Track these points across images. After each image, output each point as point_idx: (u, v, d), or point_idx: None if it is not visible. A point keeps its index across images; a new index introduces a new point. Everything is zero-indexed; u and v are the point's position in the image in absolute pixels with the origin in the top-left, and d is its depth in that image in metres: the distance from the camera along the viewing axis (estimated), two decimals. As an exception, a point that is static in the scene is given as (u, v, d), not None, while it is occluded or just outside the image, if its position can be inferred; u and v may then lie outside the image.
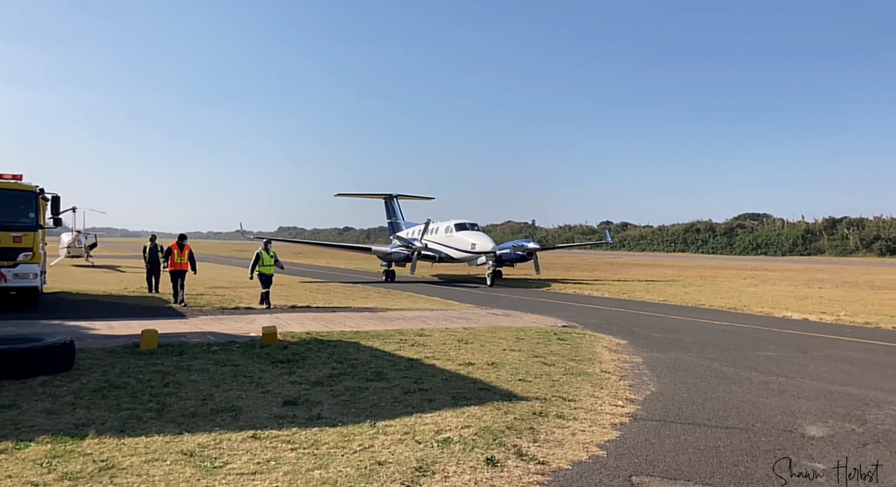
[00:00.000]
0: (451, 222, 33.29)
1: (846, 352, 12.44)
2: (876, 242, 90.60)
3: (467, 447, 6.10)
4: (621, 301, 23.58)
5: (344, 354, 10.82)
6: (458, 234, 32.18)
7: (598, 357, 11.32)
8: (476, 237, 31.29)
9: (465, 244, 31.40)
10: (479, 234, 31.88)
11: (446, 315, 17.55)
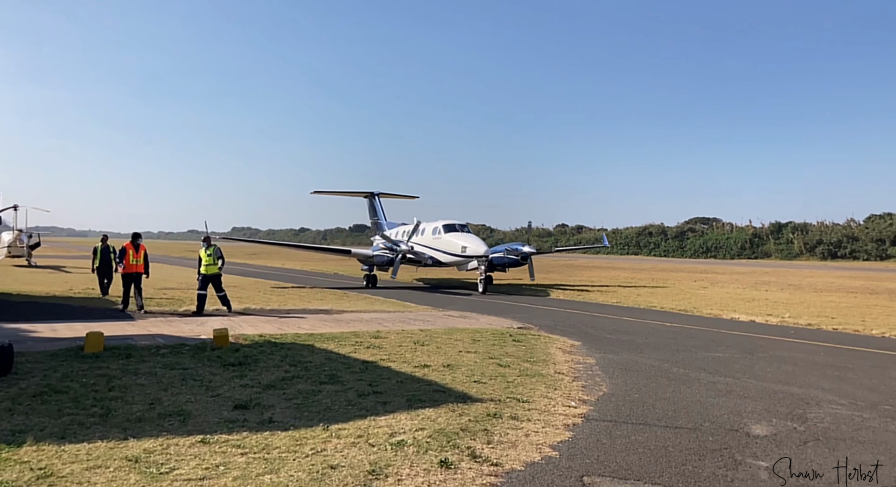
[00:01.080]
0: (440, 222, 30.47)
1: (790, 353, 12.85)
2: (818, 246, 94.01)
3: (421, 449, 6.08)
4: (577, 303, 23.89)
5: (297, 356, 10.68)
6: (447, 236, 29.47)
7: (552, 358, 11.43)
8: (467, 240, 28.70)
9: (455, 247, 28.75)
10: (470, 236, 29.35)
11: (403, 317, 17.49)
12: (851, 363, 11.68)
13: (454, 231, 29.70)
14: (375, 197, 40.79)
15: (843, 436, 7.00)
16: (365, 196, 41.47)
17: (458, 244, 28.62)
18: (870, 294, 29.57)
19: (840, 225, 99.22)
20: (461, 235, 29.35)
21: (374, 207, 40.76)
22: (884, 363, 11.84)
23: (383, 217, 40.04)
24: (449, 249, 29.17)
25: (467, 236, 29.34)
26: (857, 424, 7.54)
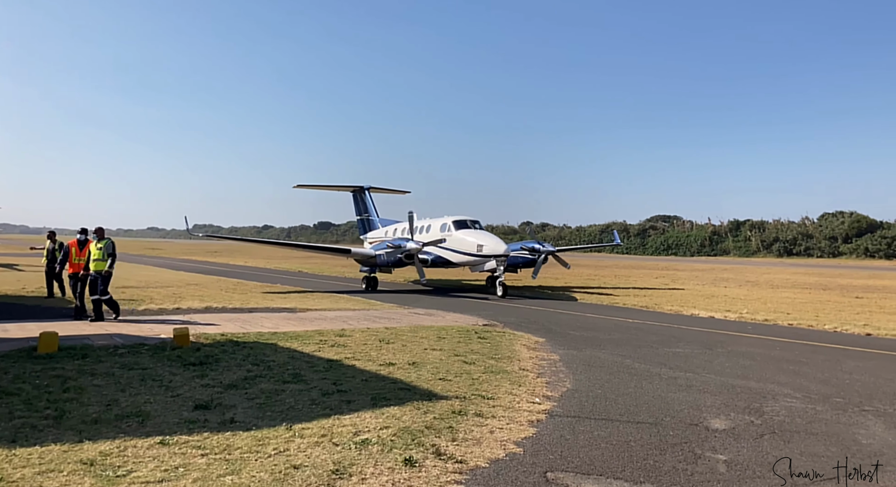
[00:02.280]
0: (448, 218, 27.49)
1: (748, 348, 13.16)
2: (775, 243, 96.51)
3: (385, 448, 6.05)
4: (542, 301, 24.09)
5: (260, 356, 10.53)
6: (459, 233, 26.34)
7: (517, 355, 11.50)
8: (483, 238, 25.63)
9: (469, 246, 25.71)
10: (486, 233, 26.34)
11: (368, 315, 17.40)
12: (806, 358, 12.02)
13: (466, 228, 26.72)
14: (366, 192, 37.23)
15: (797, 429, 7.20)
16: (352, 191, 37.97)
17: (472, 243, 25.64)
18: (823, 290, 30.47)
19: (795, 223, 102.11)
20: (475, 232, 26.43)
21: (365, 202, 37.29)
22: (836, 356, 12.21)
23: (375, 214, 36.56)
24: (462, 248, 26.13)
25: (482, 233, 26.52)
26: (810, 416, 7.75)
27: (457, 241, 26.32)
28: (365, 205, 37.28)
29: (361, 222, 37.51)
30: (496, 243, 24.99)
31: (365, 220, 37.15)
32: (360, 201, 37.62)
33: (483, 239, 25.49)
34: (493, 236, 25.91)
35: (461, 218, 27.41)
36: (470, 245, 25.73)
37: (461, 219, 27.34)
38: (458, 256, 26.51)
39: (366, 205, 37.21)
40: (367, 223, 36.81)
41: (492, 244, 24.99)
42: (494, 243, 25.07)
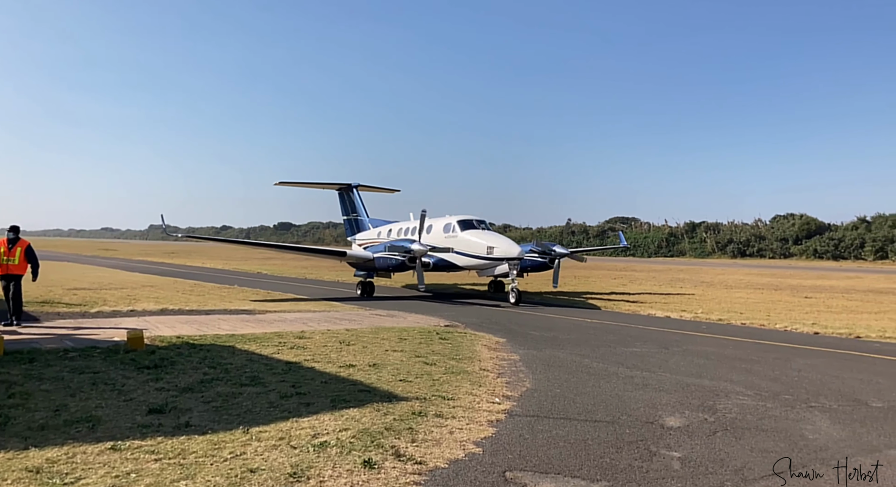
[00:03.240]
0: (452, 218, 25.27)
1: (702, 347, 13.47)
2: (729, 245, 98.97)
3: (344, 450, 6.01)
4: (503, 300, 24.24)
5: (217, 358, 10.35)
6: (465, 234, 24.16)
7: (477, 356, 11.55)
8: (494, 239, 23.46)
9: (478, 248, 23.51)
10: (496, 235, 24.24)
11: (328, 317, 17.26)
12: (757, 356, 12.35)
13: (472, 228, 24.56)
14: (353, 190, 34.51)
15: (748, 426, 7.39)
16: (338, 189, 35.15)
17: (481, 245, 23.44)
18: (774, 290, 31.37)
19: (748, 225, 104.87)
20: (484, 233, 24.28)
21: (353, 201, 34.48)
22: (786, 355, 12.58)
23: (364, 214, 33.80)
24: (469, 250, 23.86)
25: (492, 234, 24.35)
26: (761, 413, 7.97)
27: (463, 243, 24.08)
28: (353, 204, 34.52)
29: (349, 222, 34.73)
30: (508, 246, 22.90)
31: (353, 220, 34.48)
32: (348, 200, 34.85)
33: (494, 240, 23.37)
34: (503, 238, 23.93)
35: (467, 217, 25.25)
36: (478, 247, 23.55)
37: (467, 218, 25.17)
38: (464, 259, 24.25)
39: (354, 204, 34.47)
40: (355, 224, 34.24)
41: (504, 246, 22.87)
42: (507, 244, 22.99)
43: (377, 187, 36.27)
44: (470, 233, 24.29)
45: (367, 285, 25.44)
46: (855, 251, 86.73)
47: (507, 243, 23.17)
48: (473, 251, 23.79)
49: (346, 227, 35.02)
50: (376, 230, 30.93)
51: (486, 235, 24.09)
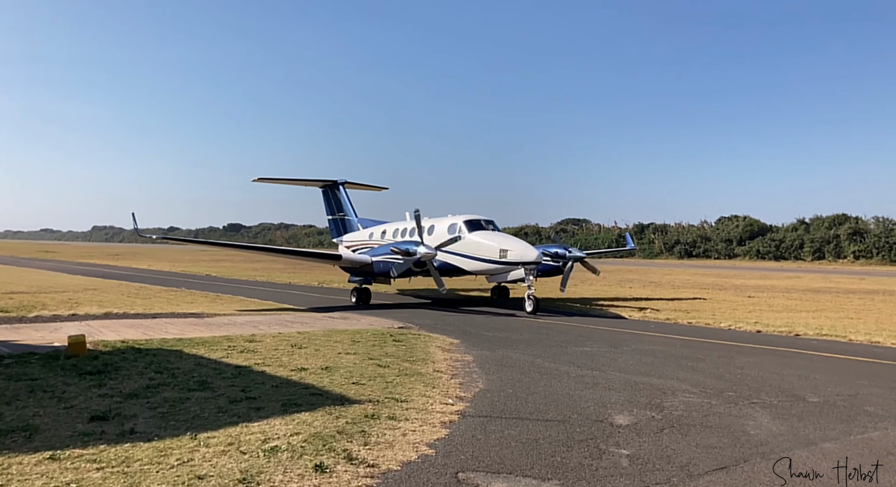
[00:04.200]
0: (458, 218, 23.09)
1: (650, 346, 13.79)
2: (676, 246, 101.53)
3: (295, 454, 5.94)
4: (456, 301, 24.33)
5: (164, 363, 10.09)
6: (473, 236, 21.94)
7: (431, 357, 11.56)
8: (507, 242, 21.50)
9: (489, 251, 21.41)
10: (508, 237, 22.37)
11: (280, 320, 17.02)
12: (703, 354, 12.71)
13: (480, 229, 22.45)
14: (340, 187, 31.64)
15: (694, 422, 7.60)
16: (323, 186, 32.14)
17: (493, 247, 21.31)
18: (719, 290, 32.32)
19: (695, 226, 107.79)
20: (494, 234, 22.30)
21: (339, 200, 31.66)
22: (730, 353, 12.99)
23: (353, 213, 31.12)
24: (479, 253, 21.73)
25: (504, 236, 22.50)
26: (706, 410, 8.21)
27: (471, 245, 21.87)
28: (339, 203, 31.60)
29: (335, 222, 31.69)
30: (524, 249, 20.85)
31: (339, 220, 31.48)
32: (333, 199, 31.85)
33: (507, 243, 21.37)
34: (517, 240, 22.07)
35: (474, 217, 23.08)
36: (489, 250, 21.40)
37: (474, 218, 23.00)
38: (472, 263, 22.09)
39: (340, 203, 31.56)
40: (342, 224, 31.29)
41: (519, 249, 20.83)
42: (522, 247, 20.98)
43: (364, 185, 33.86)
44: (479, 235, 22.10)
45: (364, 292, 23.00)
46: (795, 252, 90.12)
47: (522, 245, 21.24)
48: (484, 255, 21.64)
49: (332, 227, 32.12)
50: (367, 231, 28.69)
51: (497, 236, 22.09)
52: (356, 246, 27.85)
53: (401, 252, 21.00)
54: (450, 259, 22.26)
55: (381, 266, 22.05)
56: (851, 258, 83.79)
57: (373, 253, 22.98)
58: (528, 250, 20.71)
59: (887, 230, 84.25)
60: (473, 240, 21.95)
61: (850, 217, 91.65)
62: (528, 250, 20.80)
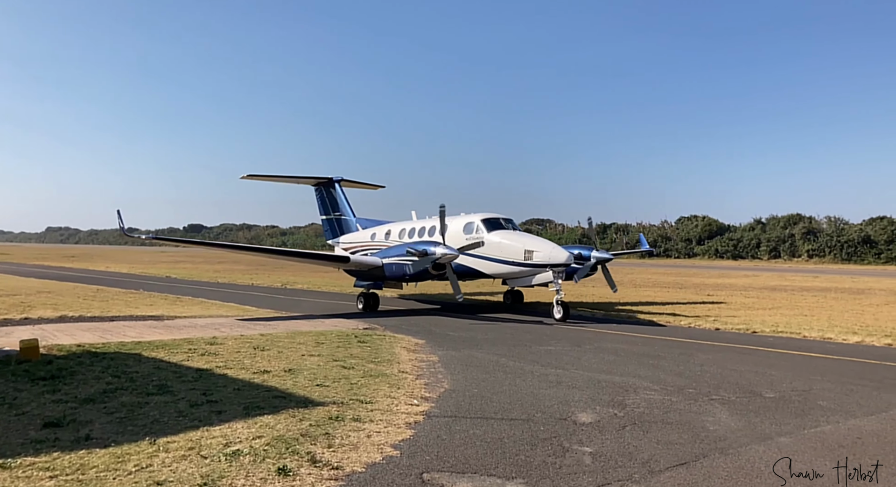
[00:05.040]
0: (475, 217, 21.28)
1: (612, 344, 13.97)
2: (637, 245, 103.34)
3: (258, 458, 5.85)
4: (423, 303, 24.30)
5: (122, 367, 9.85)
6: (493, 236, 20.11)
7: (396, 358, 11.52)
8: (533, 242, 19.70)
9: (511, 252, 19.58)
10: (532, 237, 20.60)
11: (242, 322, 16.76)
12: (663, 352, 12.94)
13: (500, 229, 20.66)
14: (336, 185, 29.56)
15: (655, 419, 7.73)
16: (317, 184, 30.07)
17: (516, 248, 19.54)
18: (679, 289, 32.94)
19: (656, 226, 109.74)
20: (517, 234, 20.57)
21: (335, 198, 29.59)
22: (689, 350, 13.25)
23: (350, 212, 29.02)
24: (501, 254, 19.86)
25: (527, 236, 20.71)
26: (666, 407, 8.36)
27: (492, 246, 19.97)
28: (335, 201, 29.51)
29: (330, 222, 29.60)
30: (552, 250, 19.03)
31: (335, 220, 29.37)
32: (329, 197, 29.72)
33: (533, 243, 19.58)
34: (543, 239, 20.31)
35: (492, 216, 21.28)
36: (512, 251, 19.61)
37: (492, 217, 21.21)
38: (493, 265, 20.21)
39: (336, 201, 29.47)
40: (338, 224, 29.18)
41: (546, 251, 19.01)
42: (549, 248, 19.17)
43: (361, 183, 31.69)
44: (499, 234, 20.24)
45: (371, 297, 21.39)
46: (752, 251, 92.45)
47: (549, 246, 19.37)
48: (506, 256, 19.77)
49: (326, 228, 29.98)
50: (367, 232, 26.73)
51: (520, 236, 20.33)
52: (356, 248, 26.10)
53: (417, 253, 19.05)
54: (467, 261, 20.28)
55: (394, 269, 20.11)
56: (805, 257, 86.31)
57: (384, 255, 20.95)
58: (557, 251, 18.95)
59: (839, 230, 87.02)
60: (494, 240, 20.10)
61: (804, 217, 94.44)
62: (557, 250, 19.02)
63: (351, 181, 30.57)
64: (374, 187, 32.79)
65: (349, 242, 27.48)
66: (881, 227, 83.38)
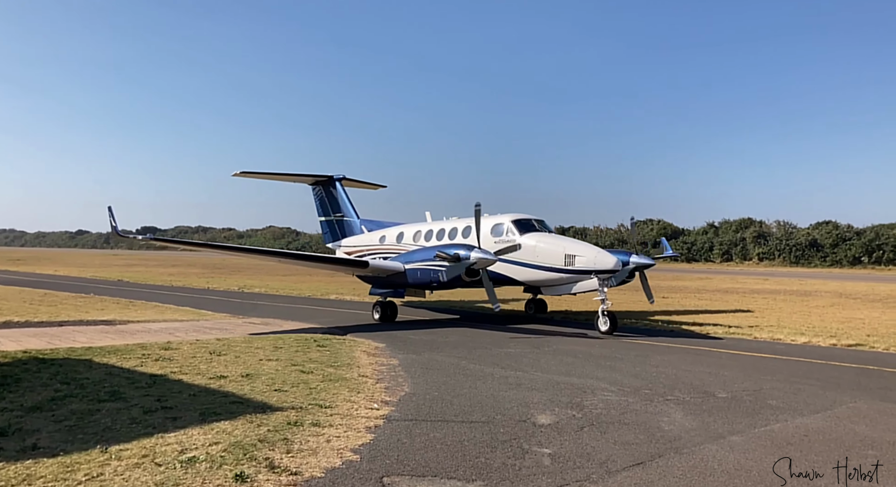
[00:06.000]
0: (503, 217, 19.38)
1: (571, 346, 14.15)
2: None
3: (214, 464, 5.74)
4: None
5: (72, 373, 9.55)
6: (527, 239, 18.22)
7: (356, 362, 11.45)
8: (574, 245, 17.77)
9: (549, 257, 17.70)
10: (571, 240, 18.63)
11: (198, 326, 16.44)
12: (620, 354, 13.16)
13: (533, 231, 18.77)
14: (337, 184, 27.29)
15: (612, 420, 7.86)
16: (314, 182, 27.74)
17: (555, 253, 17.65)
18: (635, 291, 33.53)
19: (612, 229, 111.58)
20: (553, 237, 18.75)
21: (336, 198, 27.35)
22: (646, 352, 13.51)
23: (353, 214, 26.72)
24: (537, 259, 17.96)
25: (568, 239, 18.81)
26: (623, 408, 8.51)
27: (527, 250, 18.04)
28: (336, 202, 27.26)
29: (330, 223, 27.32)
30: (596, 254, 17.05)
31: (337, 222, 27.09)
32: (328, 197, 27.48)
33: (574, 247, 17.66)
34: (585, 243, 18.34)
35: (523, 217, 19.38)
36: (551, 256, 17.71)
37: (523, 218, 19.32)
38: (528, 271, 18.25)
39: (337, 202, 27.21)
40: (340, 226, 26.96)
41: (590, 255, 17.05)
42: (594, 252, 17.14)
43: (363, 182, 29.27)
44: (534, 237, 18.36)
45: (388, 306, 19.33)
46: (705, 254, 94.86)
47: (593, 250, 17.37)
48: (543, 261, 17.87)
49: (325, 230, 27.72)
50: (375, 234, 24.53)
51: (559, 239, 18.54)
52: (362, 252, 24.12)
53: (449, 258, 16.89)
54: (498, 267, 18.16)
55: (419, 275, 17.89)
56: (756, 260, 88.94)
57: (406, 259, 18.65)
58: (603, 256, 16.92)
59: (787, 234, 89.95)
60: (529, 243, 18.15)
61: (755, 221, 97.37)
62: (603, 255, 17.00)
63: (352, 180, 28.32)
64: (375, 187, 30.50)
65: (353, 245, 25.46)
66: (826, 231, 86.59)
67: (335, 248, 26.85)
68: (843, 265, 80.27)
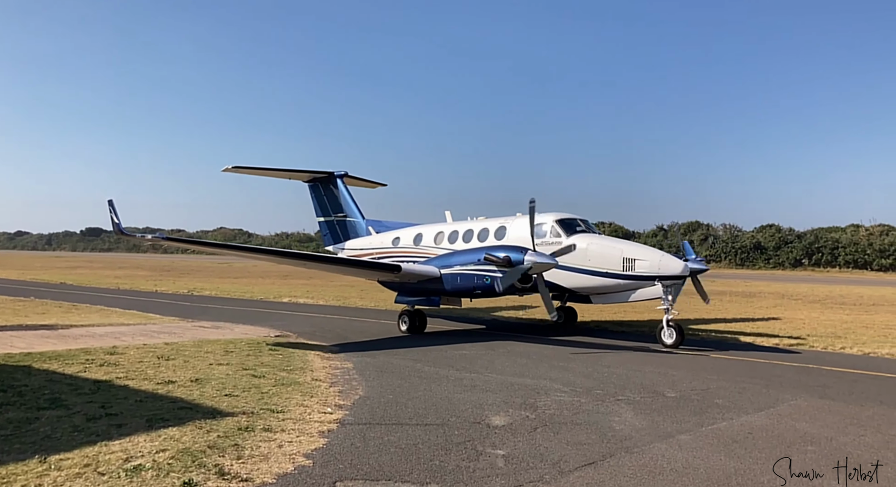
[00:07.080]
0: (546, 217, 17.30)
1: (525, 348, 14.28)
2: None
3: (161, 473, 5.59)
4: (335, 308, 23.98)
5: (8, 380, 9.16)
6: (578, 240, 16.12)
7: (310, 365, 11.31)
8: (631, 248, 15.90)
9: (606, 262, 15.70)
10: (627, 242, 16.93)
11: (145, 330, 15.98)
12: (573, 355, 13.34)
13: (579, 232, 16.90)
14: (339, 181, 24.85)
15: (565, 420, 7.96)
16: (311, 180, 25.29)
17: (611, 256, 15.68)
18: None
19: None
20: (606, 239, 17.19)
21: (338, 197, 24.85)
22: (598, 353, 13.72)
23: (358, 214, 24.31)
24: (591, 264, 15.93)
25: (624, 241, 17.18)
26: (576, 408, 8.62)
27: (578, 253, 15.84)
28: (337, 200, 24.82)
29: (330, 224, 24.88)
30: (661, 258, 15.18)
31: (339, 222, 24.69)
32: (328, 196, 25.05)
33: (634, 250, 15.73)
34: (645, 246, 16.59)
35: (567, 216, 17.43)
36: (608, 260, 15.70)
37: (567, 218, 17.37)
38: (580, 277, 16.21)
39: (339, 201, 24.77)
40: (342, 227, 24.54)
41: (654, 259, 15.17)
42: (658, 257, 15.26)
43: (364, 180, 26.83)
44: (585, 238, 16.35)
45: (417, 315, 17.15)
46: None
47: (656, 254, 15.52)
48: (597, 266, 15.86)
49: (325, 231, 25.21)
50: (387, 236, 22.17)
51: (614, 241, 16.85)
52: (371, 255, 21.93)
53: (499, 262, 14.75)
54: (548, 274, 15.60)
55: (459, 281, 15.65)
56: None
57: (442, 263, 16.36)
58: (668, 261, 15.03)
59: (733, 237, 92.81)
60: (581, 245, 16.01)
61: (702, 224, 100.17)
62: (668, 259, 15.07)
63: (354, 177, 25.91)
64: (375, 185, 28.27)
65: (360, 248, 23.13)
66: (770, 234, 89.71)
67: (337, 250, 24.49)
68: (786, 267, 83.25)
